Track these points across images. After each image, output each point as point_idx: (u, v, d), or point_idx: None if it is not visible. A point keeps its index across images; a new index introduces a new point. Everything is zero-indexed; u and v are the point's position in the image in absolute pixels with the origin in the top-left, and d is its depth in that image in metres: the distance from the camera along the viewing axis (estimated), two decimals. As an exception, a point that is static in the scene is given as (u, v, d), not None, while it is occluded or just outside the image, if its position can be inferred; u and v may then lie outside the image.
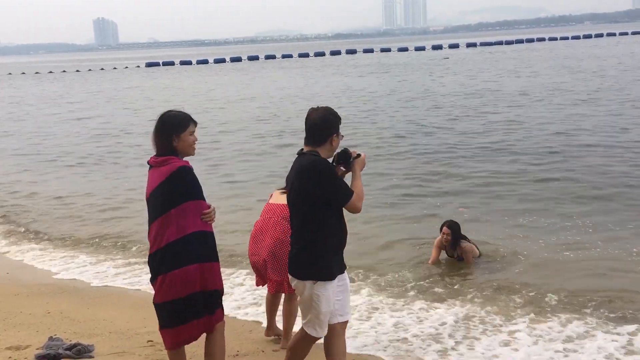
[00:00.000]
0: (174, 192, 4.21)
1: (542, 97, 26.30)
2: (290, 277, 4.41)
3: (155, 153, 4.37)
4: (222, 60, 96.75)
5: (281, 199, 5.34)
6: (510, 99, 26.46)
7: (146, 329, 6.41)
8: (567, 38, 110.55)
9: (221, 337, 4.54)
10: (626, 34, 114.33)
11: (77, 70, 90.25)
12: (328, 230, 4.25)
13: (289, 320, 5.64)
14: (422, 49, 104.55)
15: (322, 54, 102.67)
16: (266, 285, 5.72)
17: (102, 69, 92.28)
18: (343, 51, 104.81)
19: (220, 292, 4.44)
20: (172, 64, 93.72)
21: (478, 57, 68.30)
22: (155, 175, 4.30)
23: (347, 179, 4.40)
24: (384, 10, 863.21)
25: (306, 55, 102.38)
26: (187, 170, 4.27)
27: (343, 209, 4.30)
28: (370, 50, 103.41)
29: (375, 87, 37.18)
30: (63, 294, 7.83)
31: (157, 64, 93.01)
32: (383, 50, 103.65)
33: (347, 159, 4.42)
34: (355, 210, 4.27)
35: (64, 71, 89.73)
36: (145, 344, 5.91)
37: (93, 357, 5.44)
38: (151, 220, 4.30)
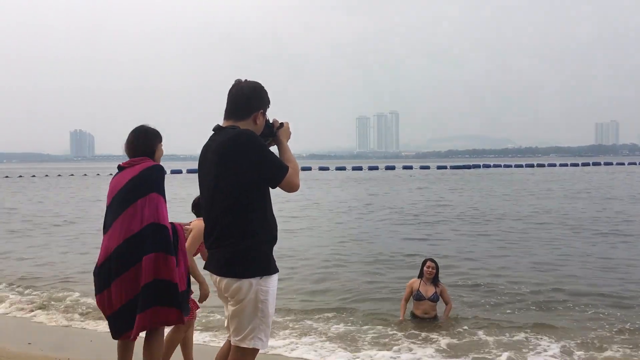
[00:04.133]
0: (144, 183, 4.38)
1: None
2: (220, 280, 3.59)
3: (129, 159, 4.57)
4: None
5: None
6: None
7: None
8: (532, 165, 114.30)
9: (161, 337, 4.47)
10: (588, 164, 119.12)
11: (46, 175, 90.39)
12: (262, 217, 3.56)
13: (169, 351, 5.20)
14: (392, 168, 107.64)
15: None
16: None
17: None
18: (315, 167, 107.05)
19: (176, 286, 4.32)
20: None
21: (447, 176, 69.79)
22: (126, 174, 4.46)
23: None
24: (358, 135, 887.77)
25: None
26: (160, 168, 4.52)
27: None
28: (343, 168, 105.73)
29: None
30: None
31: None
32: (355, 168, 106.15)
33: (269, 129, 3.77)
34: (294, 187, 3.60)
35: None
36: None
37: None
38: (114, 218, 4.34)
